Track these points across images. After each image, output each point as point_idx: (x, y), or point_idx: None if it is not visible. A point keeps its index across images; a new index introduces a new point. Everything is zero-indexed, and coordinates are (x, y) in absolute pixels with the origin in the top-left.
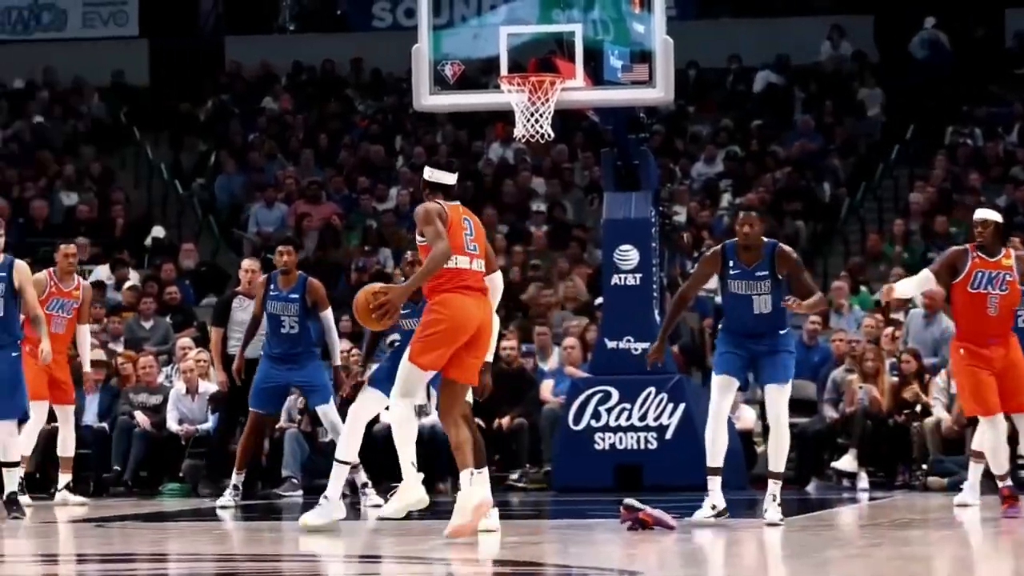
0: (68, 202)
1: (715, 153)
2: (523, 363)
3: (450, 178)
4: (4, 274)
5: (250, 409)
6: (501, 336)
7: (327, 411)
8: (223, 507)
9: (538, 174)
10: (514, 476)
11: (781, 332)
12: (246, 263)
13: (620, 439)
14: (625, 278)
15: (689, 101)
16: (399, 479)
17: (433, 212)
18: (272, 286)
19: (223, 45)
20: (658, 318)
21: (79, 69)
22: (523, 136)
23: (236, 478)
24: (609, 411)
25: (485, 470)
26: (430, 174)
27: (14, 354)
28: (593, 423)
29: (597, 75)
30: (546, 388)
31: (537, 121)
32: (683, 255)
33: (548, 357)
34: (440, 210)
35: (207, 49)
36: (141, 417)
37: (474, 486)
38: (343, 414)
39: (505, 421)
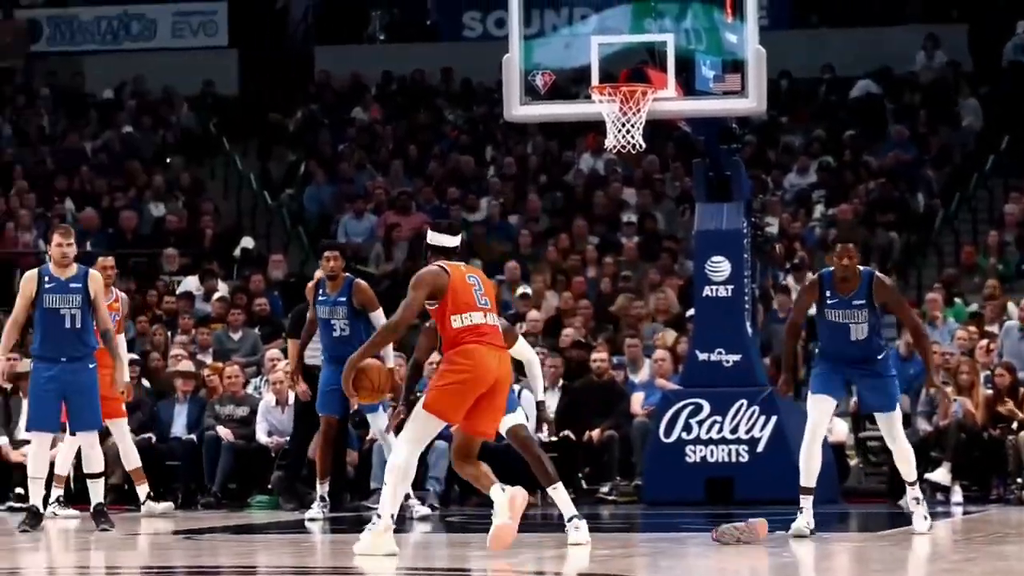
0: (157, 213)
1: (808, 164)
2: (613, 375)
3: (452, 241)
4: (80, 285)
5: (320, 415)
6: (591, 348)
7: (375, 418)
8: (312, 519)
9: (629, 185)
10: (604, 489)
11: (879, 357)
12: (319, 273)
13: (711, 452)
14: (717, 290)
15: (781, 111)
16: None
17: (423, 280)
18: (320, 291)
19: (313, 55)
20: (749, 330)
21: (169, 79)
22: (614, 146)
23: (321, 488)
24: (700, 424)
25: (559, 485)
26: (432, 237)
27: (91, 365)
28: (684, 436)
29: (689, 85)
30: (636, 400)
31: (628, 131)
32: (775, 267)
33: (639, 369)
34: (435, 278)
35: (297, 59)
36: (224, 431)
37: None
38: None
39: (595, 434)
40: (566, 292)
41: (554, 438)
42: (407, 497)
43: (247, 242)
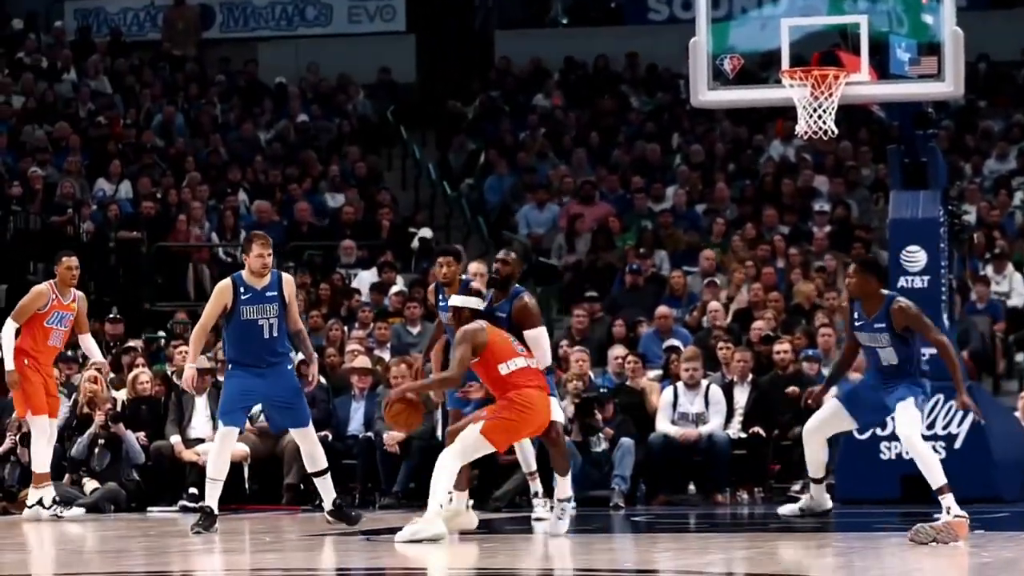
0: (333, 204)
1: (1007, 149)
2: (804, 368)
3: (480, 303)
4: (276, 293)
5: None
6: (775, 340)
7: None
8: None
9: (820, 172)
10: (796, 487)
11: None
12: (473, 267)
13: (907, 449)
14: (912, 280)
15: (980, 95)
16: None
17: (469, 335)
18: (439, 296)
19: (493, 40)
20: (946, 322)
21: (344, 66)
22: (805, 132)
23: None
24: (895, 419)
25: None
26: (463, 301)
27: (289, 367)
28: (879, 432)
29: (883, 68)
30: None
31: (820, 117)
32: (973, 257)
33: (829, 363)
34: (479, 334)
35: (476, 44)
36: (386, 436)
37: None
38: None
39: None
40: (755, 283)
41: (743, 434)
42: (535, 495)
43: (425, 233)
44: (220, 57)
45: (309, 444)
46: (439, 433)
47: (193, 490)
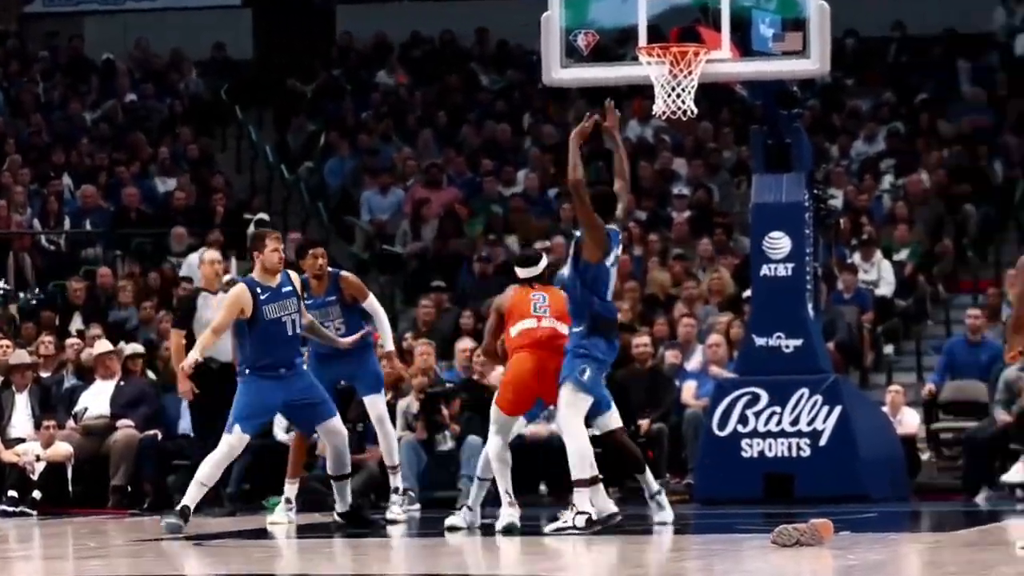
0: (164, 188)
1: (876, 130)
2: (663, 362)
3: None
4: (291, 288)
5: None
6: (634, 331)
7: (375, 401)
8: (275, 523)
9: (679, 155)
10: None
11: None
12: (209, 255)
13: (769, 446)
14: (776, 268)
15: (847, 73)
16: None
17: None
18: (305, 294)
19: (334, 14)
20: (811, 312)
21: (176, 42)
22: (664, 113)
23: (289, 490)
24: (757, 415)
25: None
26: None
27: (304, 365)
28: (740, 428)
29: (745, 45)
30: (688, 390)
31: (679, 96)
32: (840, 243)
33: (691, 355)
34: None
35: (316, 18)
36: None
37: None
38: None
39: (644, 424)
40: None
41: (596, 432)
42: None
43: (262, 219)
44: (44, 32)
45: (338, 441)
46: (276, 432)
47: (12, 492)
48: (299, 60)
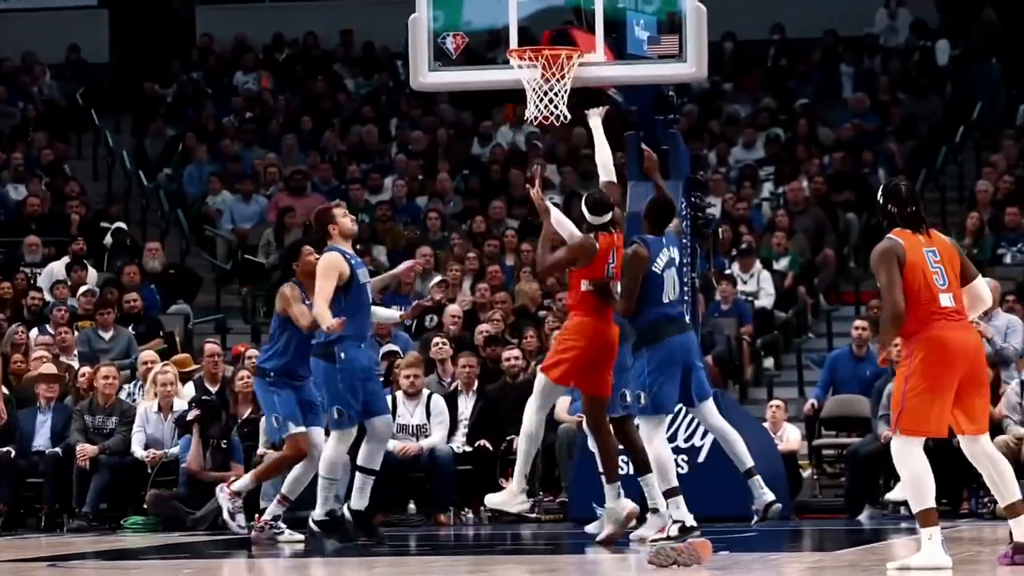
0: (16, 196)
1: (755, 137)
2: (535, 376)
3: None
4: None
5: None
6: (504, 344)
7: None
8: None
9: (552, 161)
10: (525, 506)
11: None
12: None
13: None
14: None
15: (725, 77)
16: None
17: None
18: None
19: (194, 16)
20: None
21: (29, 44)
22: (536, 118)
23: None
24: None
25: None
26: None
27: None
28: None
29: (620, 48)
30: (562, 405)
31: (552, 101)
32: (718, 253)
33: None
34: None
35: (175, 20)
36: (85, 448)
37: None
38: None
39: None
40: (481, 283)
41: (468, 448)
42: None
43: (119, 228)
44: None
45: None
46: (134, 449)
47: None
48: (157, 63)
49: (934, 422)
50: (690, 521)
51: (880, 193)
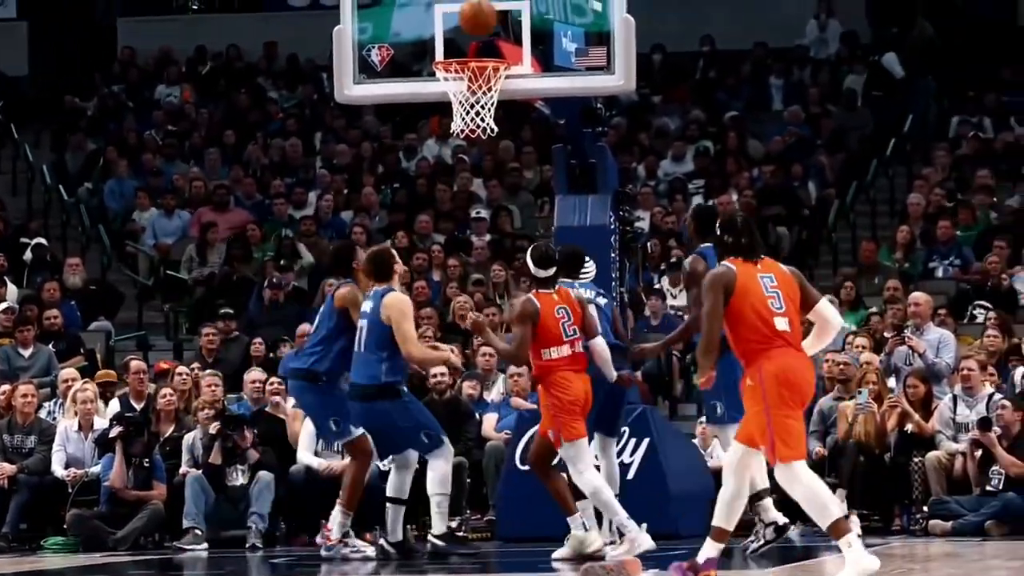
0: None
1: (684, 150)
2: (465, 393)
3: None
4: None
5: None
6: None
7: None
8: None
9: (479, 175)
10: (453, 524)
11: None
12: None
13: None
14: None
15: (654, 90)
16: None
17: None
18: None
19: (115, 28)
20: (615, 341)
21: None
22: (462, 131)
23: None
24: None
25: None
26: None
27: None
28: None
29: (547, 60)
30: (489, 422)
31: (478, 114)
32: (647, 268)
33: (492, 386)
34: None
35: (96, 32)
36: (3, 467)
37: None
38: None
39: None
40: None
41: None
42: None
43: (39, 244)
44: None
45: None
46: (54, 468)
47: None
48: (78, 76)
49: (804, 442)
50: (782, 519)
51: (718, 224)
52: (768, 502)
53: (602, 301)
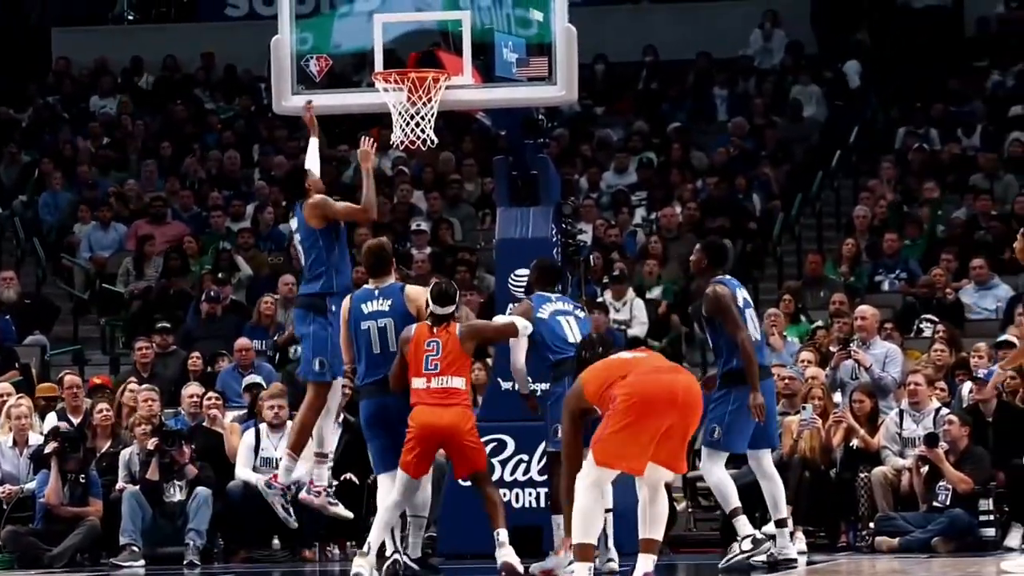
0: None
1: (627, 161)
2: None
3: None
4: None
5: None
6: None
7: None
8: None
9: (419, 187)
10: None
11: None
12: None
13: (516, 496)
14: None
15: (597, 100)
16: None
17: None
18: None
19: (50, 38)
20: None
21: None
22: (401, 142)
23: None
24: (504, 463)
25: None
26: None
27: None
28: (508, 476)
29: (488, 71)
30: None
31: (418, 125)
32: (590, 281)
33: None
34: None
35: (31, 42)
36: None
37: None
38: None
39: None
40: None
41: (334, 482)
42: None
43: None
44: None
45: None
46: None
47: None
48: (12, 87)
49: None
50: (759, 534)
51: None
52: (743, 518)
53: (581, 314)
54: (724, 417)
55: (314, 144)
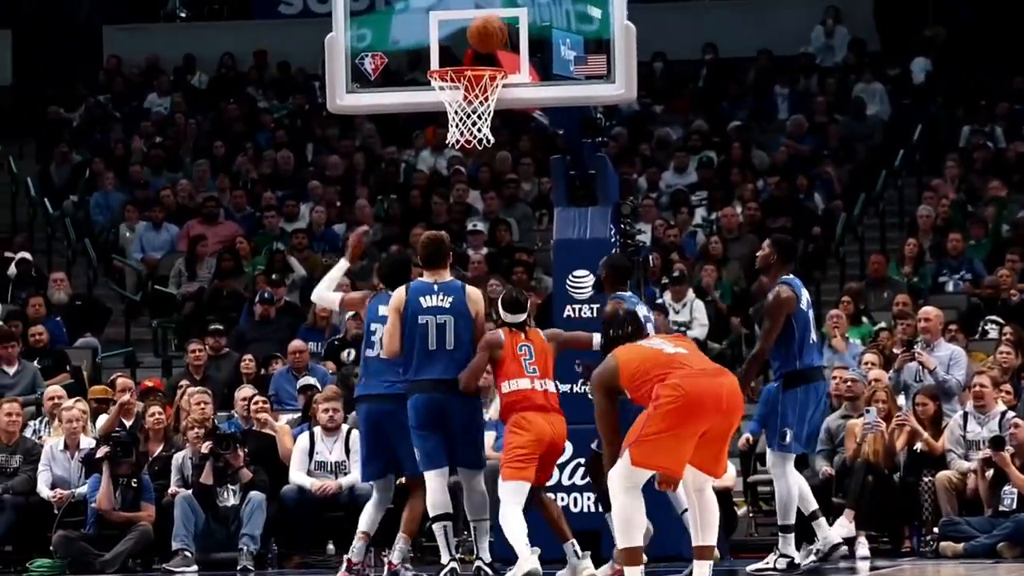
0: None
1: (687, 161)
2: None
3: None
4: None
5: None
6: None
7: None
8: None
9: (475, 187)
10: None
11: None
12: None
13: (575, 500)
14: (580, 309)
15: (656, 99)
16: None
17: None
18: None
19: (101, 36)
20: None
21: None
22: (458, 142)
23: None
24: (561, 467)
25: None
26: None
27: None
28: None
29: (545, 69)
30: (487, 441)
31: (475, 124)
32: (649, 282)
33: (490, 404)
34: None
35: (82, 41)
36: None
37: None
38: None
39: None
40: None
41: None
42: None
43: (23, 258)
44: None
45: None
46: (40, 489)
47: None
48: (63, 86)
49: None
50: (799, 559)
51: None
52: (791, 536)
53: (652, 315)
54: (788, 419)
55: (342, 268)
